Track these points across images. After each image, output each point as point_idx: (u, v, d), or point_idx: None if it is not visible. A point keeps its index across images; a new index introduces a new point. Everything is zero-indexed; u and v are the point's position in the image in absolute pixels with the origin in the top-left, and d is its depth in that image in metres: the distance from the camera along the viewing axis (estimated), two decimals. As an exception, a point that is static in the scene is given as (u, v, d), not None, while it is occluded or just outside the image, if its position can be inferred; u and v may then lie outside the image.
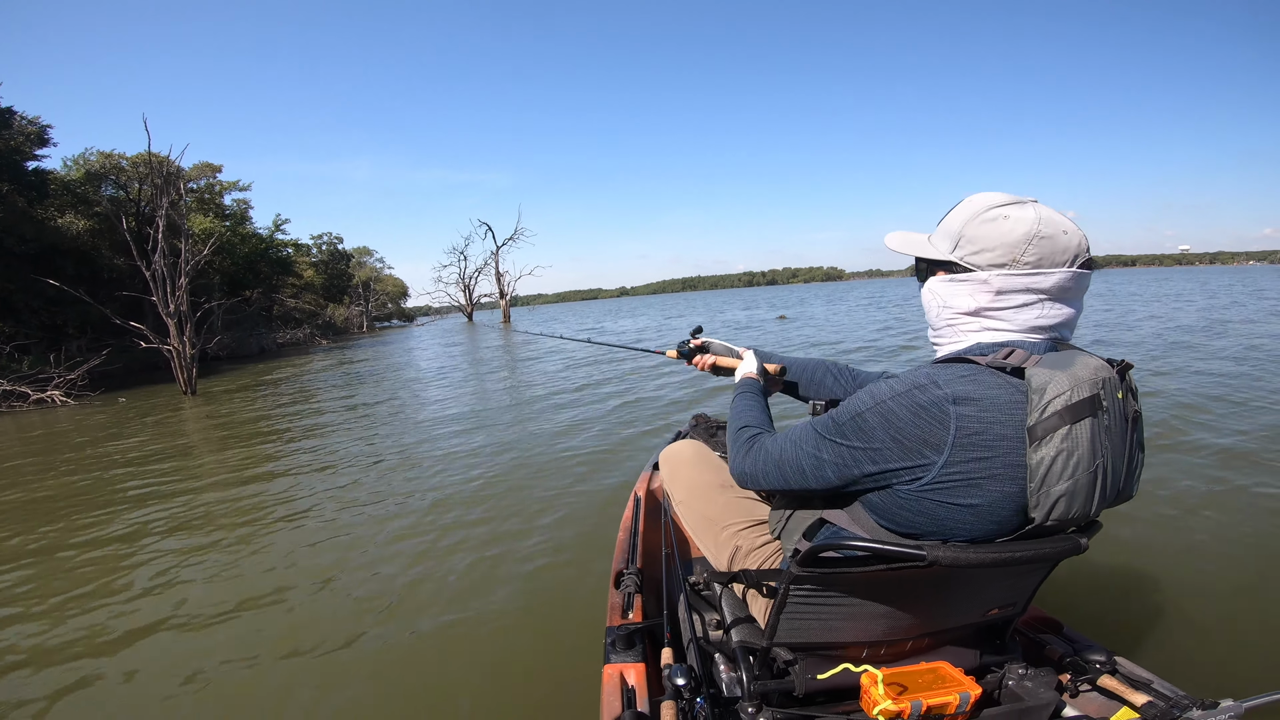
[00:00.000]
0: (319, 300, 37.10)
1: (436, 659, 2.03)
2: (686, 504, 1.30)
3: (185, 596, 2.60)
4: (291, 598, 2.53)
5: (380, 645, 2.13)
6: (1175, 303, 16.27)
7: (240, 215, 27.31)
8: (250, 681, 1.98)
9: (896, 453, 0.80)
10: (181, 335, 10.19)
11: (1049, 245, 0.82)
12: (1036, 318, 0.84)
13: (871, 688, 0.88)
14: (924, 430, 0.78)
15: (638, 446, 4.57)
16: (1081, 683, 1.03)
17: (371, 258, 57.94)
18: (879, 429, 0.81)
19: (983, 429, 0.76)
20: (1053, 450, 0.74)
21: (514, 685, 1.87)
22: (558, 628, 2.16)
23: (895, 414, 0.80)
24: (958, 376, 0.79)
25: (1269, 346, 7.41)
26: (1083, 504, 0.77)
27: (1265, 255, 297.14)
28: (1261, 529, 2.53)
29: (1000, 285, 0.84)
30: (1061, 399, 0.73)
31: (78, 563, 3.10)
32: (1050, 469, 0.74)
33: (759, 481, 1.00)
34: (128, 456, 5.70)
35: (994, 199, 0.88)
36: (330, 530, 3.27)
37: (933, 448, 0.78)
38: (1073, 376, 0.75)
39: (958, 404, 0.76)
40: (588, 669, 1.66)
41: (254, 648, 2.16)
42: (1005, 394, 0.76)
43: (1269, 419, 4.09)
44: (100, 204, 17.11)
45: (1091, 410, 0.74)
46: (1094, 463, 0.75)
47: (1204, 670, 1.72)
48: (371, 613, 2.34)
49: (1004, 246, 0.84)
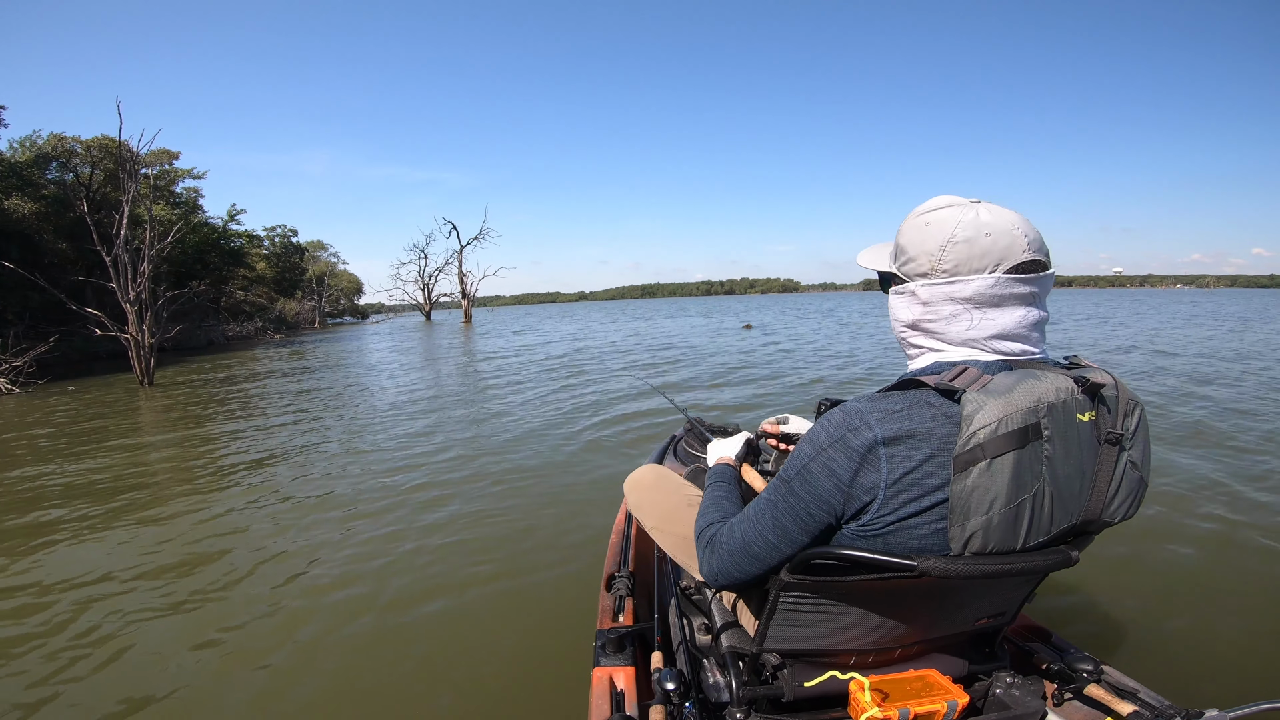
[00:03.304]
0: (270, 293, 35.88)
1: (423, 660, 2.02)
2: (660, 529, 1.27)
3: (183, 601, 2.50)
4: (271, 598, 2.49)
5: (366, 647, 2.10)
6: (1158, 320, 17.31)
7: (191, 204, 26.36)
8: (240, 683, 1.93)
9: (839, 499, 0.79)
10: (141, 324, 10.02)
11: (965, 250, 0.78)
12: (967, 329, 0.80)
13: (859, 694, 0.87)
14: (860, 474, 0.76)
15: (631, 449, 4.61)
16: (1068, 691, 1.02)
17: (326, 252, 56.33)
18: (823, 478, 0.79)
19: (914, 466, 0.74)
20: (971, 483, 0.72)
21: (503, 687, 1.85)
22: (547, 630, 2.15)
23: (835, 460, 0.78)
24: (892, 412, 0.76)
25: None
26: (1002, 538, 0.74)
27: (1192, 279, 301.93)
28: (1248, 542, 2.57)
29: (925, 296, 0.82)
30: (986, 430, 0.71)
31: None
32: (968, 501, 0.72)
33: (733, 575, 0.92)
34: (125, 445, 5.70)
35: (930, 203, 0.85)
36: (317, 531, 3.21)
37: (868, 490, 0.76)
38: (1007, 405, 0.71)
39: (888, 445, 0.74)
40: (577, 672, 1.67)
41: (245, 648, 2.13)
42: (938, 425, 0.74)
43: (1267, 426, 4.36)
44: (47, 188, 16.36)
45: (1022, 441, 0.71)
46: (1018, 496, 0.73)
47: (1190, 680, 1.72)
48: (358, 614, 2.32)
49: (924, 254, 0.82)
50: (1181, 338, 12.61)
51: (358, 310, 63.18)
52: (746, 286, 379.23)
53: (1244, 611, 2.09)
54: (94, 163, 18.19)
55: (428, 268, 42.87)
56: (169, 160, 24.36)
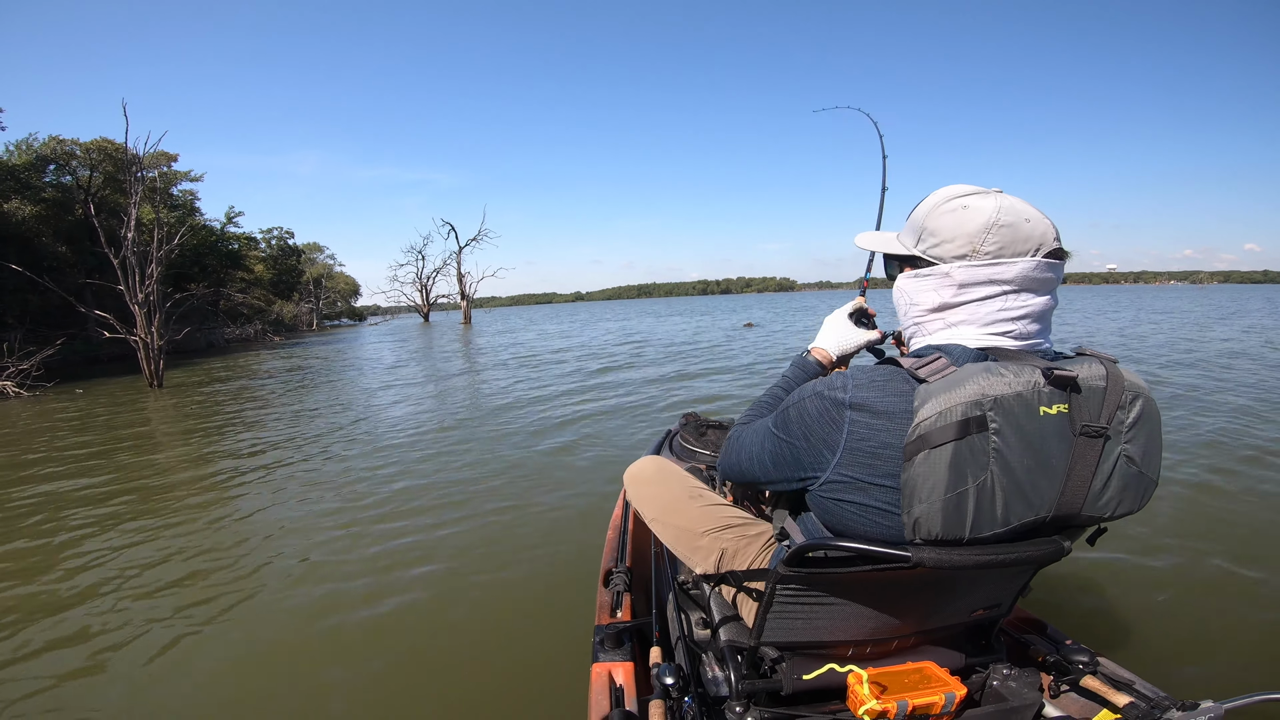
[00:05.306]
0: (268, 296, 35.70)
1: (421, 654, 2.01)
2: (660, 521, 1.27)
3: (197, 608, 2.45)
4: (267, 590, 2.51)
5: (362, 641, 2.11)
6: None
7: (188, 206, 26.21)
8: (236, 682, 1.94)
9: (806, 450, 0.83)
10: (150, 326, 9.94)
11: (1009, 234, 0.80)
12: (999, 310, 0.82)
13: (857, 687, 0.88)
14: (825, 430, 0.80)
15: (627, 443, 4.63)
16: (1064, 683, 1.03)
17: (322, 254, 56.06)
18: (796, 424, 0.84)
19: (870, 436, 0.77)
20: (914, 471, 0.74)
21: (502, 683, 1.84)
22: (545, 625, 2.13)
23: (808, 412, 0.82)
24: (869, 381, 0.79)
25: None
26: (945, 526, 0.75)
27: (1185, 275, 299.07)
28: (1244, 534, 2.58)
29: (963, 278, 0.83)
30: (927, 422, 0.73)
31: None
32: (913, 489, 0.74)
33: (728, 474, 0.99)
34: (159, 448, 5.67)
35: (956, 190, 0.87)
36: (317, 522, 3.26)
37: (829, 447, 0.80)
38: (950, 398, 0.73)
39: (853, 409, 0.77)
40: (576, 667, 1.66)
41: (240, 649, 2.12)
42: (901, 405, 0.76)
43: (1249, 421, 4.29)
44: (46, 191, 16.23)
45: (961, 433, 0.72)
46: (958, 486, 0.73)
47: (1185, 671, 1.73)
48: (352, 607, 2.33)
49: (964, 236, 0.82)
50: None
51: (354, 312, 62.90)
52: (743, 286, 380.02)
53: (1240, 603, 2.08)
54: (93, 165, 18.04)
55: (425, 269, 42.76)
56: (167, 162, 24.20)
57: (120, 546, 3.08)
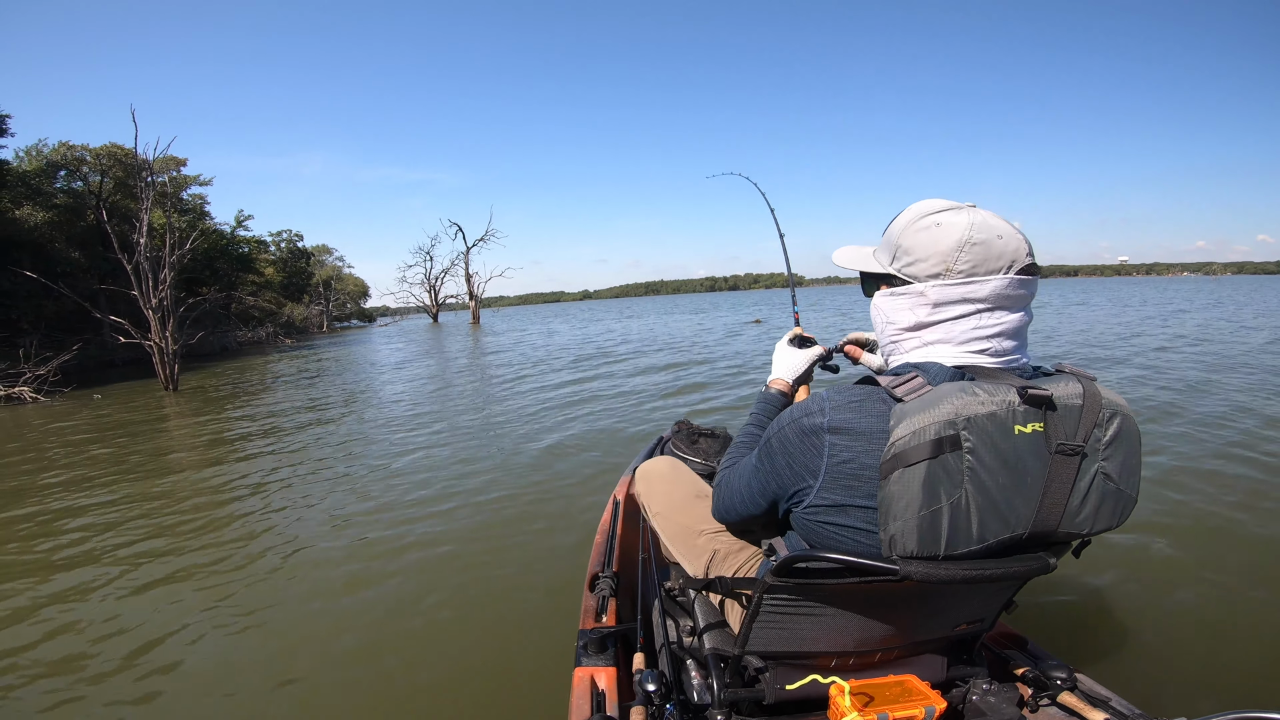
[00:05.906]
0: (278, 298, 35.93)
1: (401, 657, 2.01)
2: (664, 515, 1.31)
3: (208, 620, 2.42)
4: (255, 591, 2.56)
5: (346, 643, 2.11)
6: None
7: (198, 210, 26.37)
8: (226, 686, 1.94)
9: (790, 477, 0.84)
10: (164, 330, 10.00)
11: (982, 251, 0.80)
12: (973, 329, 0.81)
13: (839, 698, 0.89)
14: (806, 457, 0.81)
15: (619, 448, 4.59)
16: (1043, 698, 1.04)
17: (331, 256, 56.37)
18: (780, 453, 0.85)
19: (850, 458, 0.77)
20: (890, 489, 0.74)
21: (483, 686, 1.85)
22: (529, 630, 2.13)
23: (789, 439, 0.83)
24: (846, 402, 0.80)
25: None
26: (920, 543, 0.76)
27: (1199, 267, 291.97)
28: (1222, 551, 2.54)
29: (937, 297, 0.82)
30: (902, 441, 0.73)
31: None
32: (889, 506, 0.75)
33: (724, 518, 1.05)
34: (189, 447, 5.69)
35: (929, 206, 0.86)
36: (303, 526, 3.30)
37: (811, 473, 0.81)
38: (924, 417, 0.73)
39: (831, 434, 0.78)
40: (558, 672, 1.65)
41: (231, 653, 2.13)
42: (878, 425, 0.76)
43: (1229, 434, 4.10)
44: (57, 197, 16.37)
45: (935, 451, 0.72)
46: (932, 504, 0.74)
47: (1162, 688, 1.74)
48: (338, 609, 2.33)
49: (937, 255, 0.82)
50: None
51: (364, 314, 63.22)
52: (750, 282, 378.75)
53: (1217, 622, 2.07)
54: (104, 171, 18.18)
55: (433, 270, 42.89)
56: (176, 167, 24.37)
57: (134, 546, 3.07)
